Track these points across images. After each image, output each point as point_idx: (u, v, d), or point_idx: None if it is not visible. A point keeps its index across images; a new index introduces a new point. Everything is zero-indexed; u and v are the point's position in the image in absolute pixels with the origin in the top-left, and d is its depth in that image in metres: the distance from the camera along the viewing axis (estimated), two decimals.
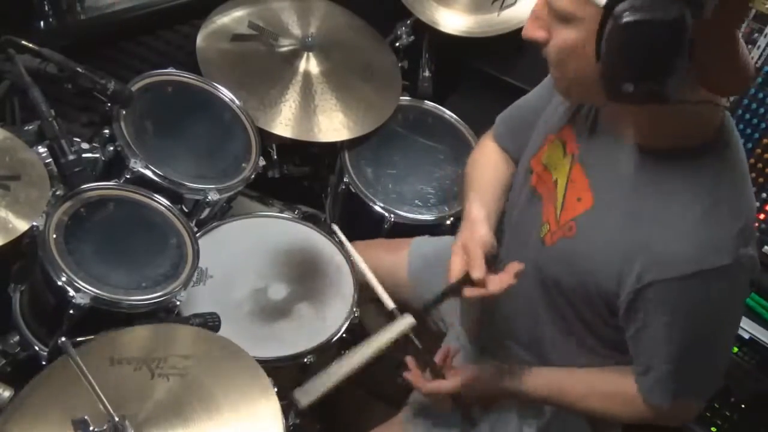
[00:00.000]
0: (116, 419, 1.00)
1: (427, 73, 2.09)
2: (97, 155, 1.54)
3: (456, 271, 1.21)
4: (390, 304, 1.31)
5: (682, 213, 1.05)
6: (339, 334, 1.53)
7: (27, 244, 1.35)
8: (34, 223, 1.29)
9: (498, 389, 1.27)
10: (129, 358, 1.13)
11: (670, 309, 1.08)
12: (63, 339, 1.07)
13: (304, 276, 1.63)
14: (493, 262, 1.25)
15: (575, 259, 1.16)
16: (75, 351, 1.06)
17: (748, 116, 1.73)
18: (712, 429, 1.83)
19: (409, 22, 2.14)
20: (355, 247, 1.72)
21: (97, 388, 1.02)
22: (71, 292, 1.28)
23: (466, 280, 1.19)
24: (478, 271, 1.17)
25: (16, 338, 1.41)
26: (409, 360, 1.29)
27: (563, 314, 1.25)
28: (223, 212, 1.77)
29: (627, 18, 0.88)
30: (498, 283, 1.18)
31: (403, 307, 1.37)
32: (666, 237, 1.05)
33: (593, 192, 1.15)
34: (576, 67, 1.03)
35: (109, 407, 1.01)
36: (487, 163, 1.46)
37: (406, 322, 1.11)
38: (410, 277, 1.63)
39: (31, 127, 1.43)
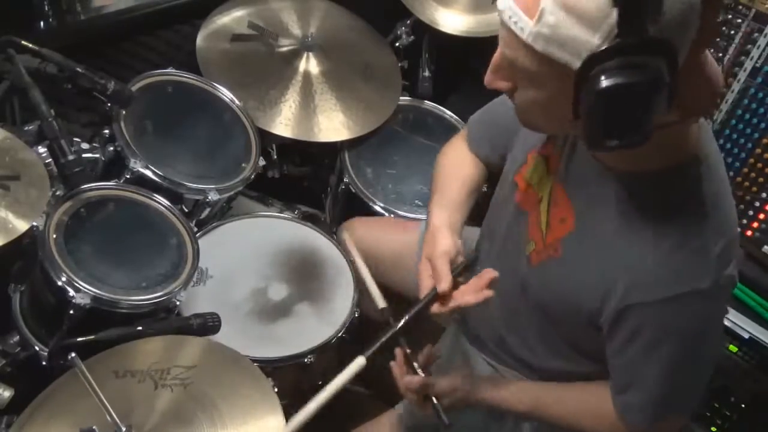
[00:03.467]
0: (123, 429, 1.03)
1: (427, 73, 2.09)
2: (97, 155, 1.55)
3: (425, 288, 1.21)
4: (381, 303, 1.30)
5: (662, 236, 1.03)
6: (339, 334, 1.53)
7: (27, 244, 1.35)
8: (34, 223, 1.29)
9: (480, 398, 1.25)
10: (133, 370, 1.14)
11: (650, 331, 1.07)
12: (73, 355, 1.09)
13: (304, 276, 1.63)
14: (470, 268, 1.24)
15: (560, 280, 1.16)
16: (83, 364, 1.08)
17: (748, 116, 1.73)
18: (712, 429, 1.83)
19: (409, 22, 2.14)
20: (355, 223, 1.71)
21: (103, 399, 1.04)
22: (71, 292, 1.28)
23: (436, 295, 1.19)
24: (443, 284, 1.18)
25: (16, 338, 1.41)
26: (399, 351, 1.26)
27: (545, 326, 1.24)
28: (223, 212, 1.77)
29: (603, 84, 0.83)
30: (474, 295, 1.18)
31: (404, 296, 1.35)
32: (645, 260, 1.04)
33: (575, 213, 1.14)
34: (546, 118, 1.01)
35: (115, 417, 1.03)
36: (455, 165, 1.45)
37: (357, 363, 1.13)
38: (418, 260, 1.61)
39: (31, 127, 1.43)
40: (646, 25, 0.83)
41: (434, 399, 1.21)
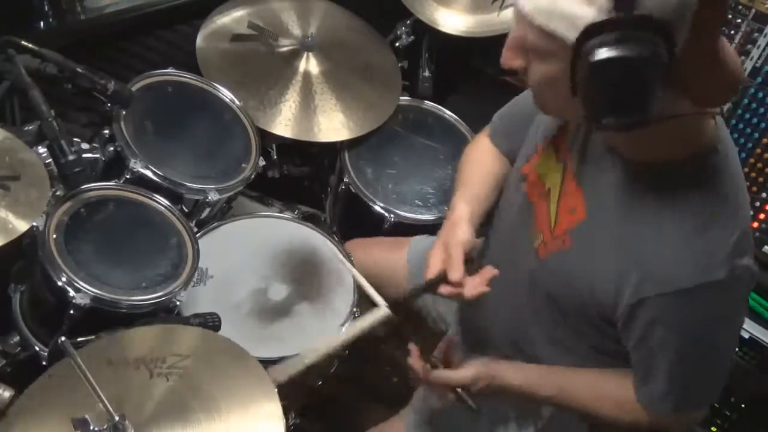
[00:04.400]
0: (116, 418, 1.01)
1: (427, 73, 2.09)
2: (97, 155, 1.54)
3: (434, 268, 1.21)
4: (381, 301, 1.30)
5: (676, 227, 1.04)
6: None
7: (27, 244, 1.35)
8: (34, 224, 1.29)
9: (505, 385, 1.24)
10: (128, 358, 1.13)
11: (667, 323, 1.08)
12: (63, 339, 1.07)
13: (304, 276, 1.63)
14: (472, 263, 1.25)
15: (571, 272, 1.15)
16: (75, 351, 1.06)
17: (748, 116, 1.73)
18: (712, 429, 1.83)
19: (409, 22, 2.14)
20: (354, 244, 1.73)
21: (96, 387, 1.02)
22: (71, 293, 1.28)
23: (443, 278, 1.19)
24: (456, 273, 1.18)
25: (16, 338, 1.41)
26: (413, 347, 1.26)
27: (553, 321, 1.24)
28: (223, 212, 1.77)
29: (598, 56, 0.85)
30: (472, 288, 1.19)
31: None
32: (661, 252, 1.04)
33: (586, 203, 1.14)
34: (555, 97, 1.02)
35: (108, 406, 1.01)
36: (480, 160, 1.45)
37: (381, 312, 1.13)
38: (410, 276, 1.63)
39: (31, 128, 1.43)
40: (638, 1, 0.84)
41: (459, 389, 1.22)
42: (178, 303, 1.39)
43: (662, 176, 1.05)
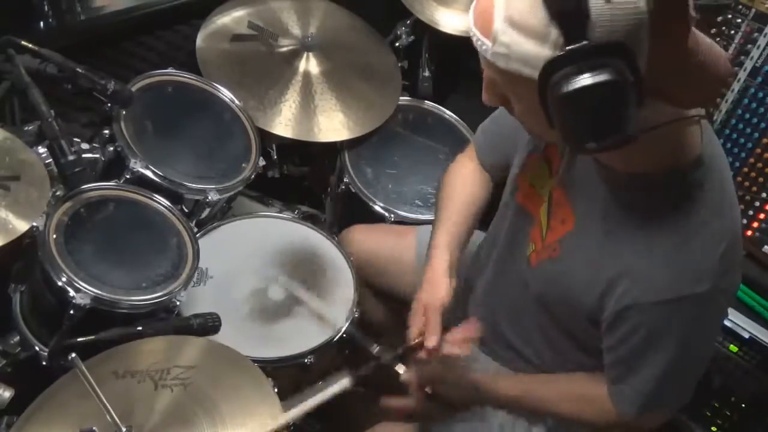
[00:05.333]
0: (123, 429, 1.03)
1: (427, 73, 2.09)
2: (97, 155, 1.54)
3: (415, 333, 1.26)
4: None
5: (662, 237, 1.04)
6: (339, 334, 1.53)
7: (27, 245, 1.35)
8: (34, 224, 1.29)
9: (470, 392, 1.27)
10: (133, 371, 1.15)
11: (646, 331, 1.09)
12: (73, 355, 1.09)
13: (304, 276, 1.63)
14: (449, 330, 1.29)
15: (559, 280, 1.17)
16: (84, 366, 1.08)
17: (748, 116, 1.73)
18: (712, 429, 1.83)
19: (409, 22, 2.14)
20: (356, 230, 1.74)
21: (104, 399, 1.04)
22: (71, 293, 1.28)
23: (422, 344, 1.24)
24: (432, 340, 1.23)
25: (17, 338, 1.41)
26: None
27: (546, 325, 1.26)
28: (223, 212, 1.77)
29: (562, 90, 0.85)
30: (458, 347, 1.24)
31: (397, 296, 1.40)
32: (646, 261, 1.05)
33: (574, 213, 1.15)
34: (539, 125, 1.00)
35: (116, 418, 1.03)
36: (459, 184, 1.46)
37: (342, 383, 1.17)
38: (417, 263, 1.62)
39: (31, 128, 1.43)
40: (587, 32, 0.83)
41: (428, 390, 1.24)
42: (178, 303, 1.39)
43: (648, 188, 1.05)
